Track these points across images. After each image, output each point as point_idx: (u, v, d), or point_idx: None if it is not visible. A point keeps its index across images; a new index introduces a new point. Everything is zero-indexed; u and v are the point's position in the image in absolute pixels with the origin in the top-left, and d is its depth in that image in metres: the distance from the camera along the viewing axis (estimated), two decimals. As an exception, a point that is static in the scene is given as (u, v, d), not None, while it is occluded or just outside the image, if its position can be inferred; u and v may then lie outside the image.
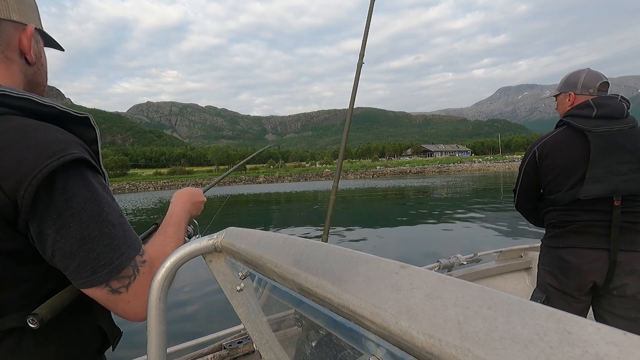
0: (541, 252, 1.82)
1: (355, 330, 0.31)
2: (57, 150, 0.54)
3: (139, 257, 0.63)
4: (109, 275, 0.58)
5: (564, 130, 1.67)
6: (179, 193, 0.94)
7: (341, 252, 0.36)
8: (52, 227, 0.54)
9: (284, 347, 0.63)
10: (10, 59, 0.66)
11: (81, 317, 0.65)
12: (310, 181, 69.40)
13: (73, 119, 0.63)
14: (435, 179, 48.96)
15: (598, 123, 1.55)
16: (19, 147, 0.53)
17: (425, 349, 0.23)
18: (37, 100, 0.59)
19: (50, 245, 0.55)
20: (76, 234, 0.55)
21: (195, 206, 0.95)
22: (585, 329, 0.19)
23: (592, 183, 1.54)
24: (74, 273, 0.57)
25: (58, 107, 0.61)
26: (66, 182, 0.55)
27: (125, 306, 0.61)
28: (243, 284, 0.58)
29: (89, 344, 0.67)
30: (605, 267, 1.55)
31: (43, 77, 0.75)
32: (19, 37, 0.66)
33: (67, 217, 0.55)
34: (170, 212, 0.85)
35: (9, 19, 0.64)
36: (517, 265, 2.90)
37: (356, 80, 2.76)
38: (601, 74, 1.68)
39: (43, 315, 0.55)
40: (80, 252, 0.56)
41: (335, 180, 2.76)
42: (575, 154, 1.59)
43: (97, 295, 0.59)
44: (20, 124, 0.55)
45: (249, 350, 1.90)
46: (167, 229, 0.79)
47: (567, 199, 1.61)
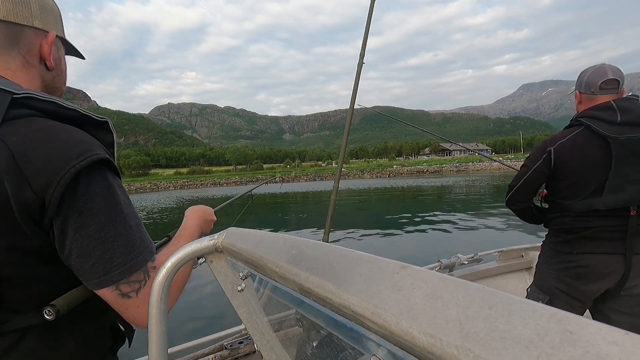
0: (545, 254, 1.76)
1: (356, 331, 0.31)
2: (83, 151, 0.57)
3: (151, 263, 0.64)
4: (121, 275, 0.59)
5: (582, 132, 1.54)
6: (193, 208, 0.96)
7: (342, 252, 0.36)
8: (72, 226, 0.56)
9: (285, 347, 0.63)
10: (30, 64, 0.68)
11: (98, 315, 0.67)
12: (326, 180, 69.31)
13: (93, 123, 0.65)
14: (453, 178, 48.72)
15: (622, 130, 1.45)
16: (47, 147, 0.55)
17: (427, 349, 0.23)
18: (62, 103, 0.61)
19: (68, 243, 0.56)
20: (94, 234, 0.57)
21: (206, 223, 0.96)
22: (586, 328, 0.19)
23: (611, 193, 1.47)
24: (88, 272, 0.58)
25: (80, 110, 0.63)
26: (89, 182, 0.57)
27: (135, 311, 0.62)
28: (244, 284, 0.58)
29: (105, 341, 0.69)
30: (619, 271, 1.51)
31: (61, 82, 0.77)
32: (40, 43, 0.68)
33: (87, 216, 0.56)
34: (184, 226, 0.87)
35: (32, 26, 0.66)
36: (518, 265, 2.90)
37: (356, 80, 2.76)
38: (610, 70, 1.56)
39: (60, 307, 0.57)
40: (96, 251, 0.57)
41: (335, 181, 2.76)
42: (595, 161, 1.50)
43: (107, 297, 0.60)
44: (46, 125, 0.57)
45: (250, 350, 1.90)
46: (180, 240, 0.80)
47: (583, 207, 1.54)
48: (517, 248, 2.94)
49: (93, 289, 0.59)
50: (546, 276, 1.72)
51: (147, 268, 0.63)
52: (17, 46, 0.65)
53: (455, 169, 78.11)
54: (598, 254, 1.54)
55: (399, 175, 73.48)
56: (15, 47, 0.65)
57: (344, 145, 2.88)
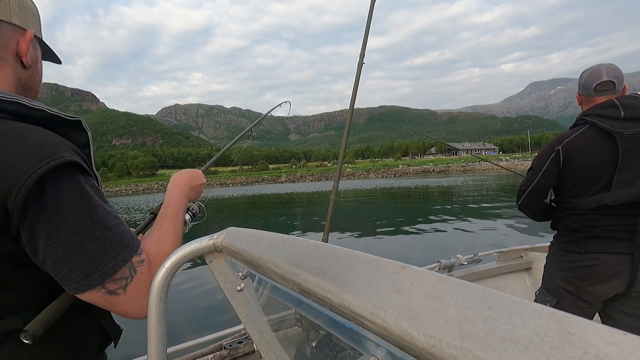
0: (553, 254, 1.75)
1: (356, 331, 0.31)
2: (48, 154, 0.53)
3: (137, 257, 0.62)
4: (101, 278, 0.57)
5: (588, 130, 1.56)
6: (175, 177, 0.89)
7: (341, 252, 0.36)
8: (43, 232, 0.53)
9: (284, 347, 0.63)
10: (5, 60, 0.66)
11: (82, 316, 0.65)
12: (331, 180, 69.67)
13: (65, 123, 0.62)
14: (459, 177, 48.56)
15: (626, 125, 1.46)
16: (9, 151, 0.52)
17: (426, 349, 0.23)
18: (27, 103, 0.58)
19: (41, 250, 0.54)
20: (67, 239, 0.54)
21: (194, 190, 0.91)
22: (585, 329, 0.19)
23: (620, 188, 1.47)
24: (66, 278, 0.56)
25: (48, 110, 0.60)
26: (57, 187, 0.54)
27: (124, 307, 0.61)
28: (243, 284, 0.58)
29: (90, 342, 0.68)
30: (627, 272, 1.50)
31: (37, 83, 0.75)
32: (17, 40, 0.67)
33: (58, 221, 0.54)
34: (167, 202, 0.81)
35: (9, 22, 0.65)
36: (517, 265, 2.90)
37: (356, 81, 2.76)
38: (606, 72, 1.57)
39: (35, 331, 0.55)
40: (72, 256, 0.55)
41: (335, 181, 2.76)
42: (602, 157, 1.51)
43: (93, 299, 0.59)
44: (10, 127, 0.55)
45: (249, 350, 1.90)
46: (163, 222, 0.76)
47: (592, 204, 1.53)
48: (517, 249, 2.94)
49: (74, 294, 0.58)
50: (553, 277, 1.70)
51: (132, 263, 0.61)
52: None
53: (461, 169, 77.85)
54: (607, 253, 1.53)
55: (404, 175, 73.42)
56: None
57: (344, 147, 2.89)
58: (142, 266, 0.63)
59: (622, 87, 1.58)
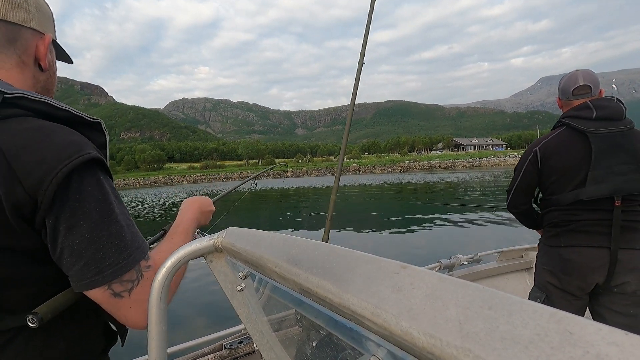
0: (540, 251, 1.84)
1: (356, 331, 0.31)
2: (75, 151, 0.57)
3: (144, 262, 0.63)
4: (114, 275, 0.58)
5: (564, 131, 1.69)
6: (189, 201, 0.94)
7: (342, 252, 0.36)
8: (64, 224, 0.56)
9: (285, 347, 0.63)
10: (26, 64, 0.69)
11: (89, 315, 0.66)
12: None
13: (86, 124, 0.65)
14: (465, 173, 48.32)
15: (599, 125, 1.58)
16: (39, 147, 0.55)
17: (426, 349, 0.23)
18: (54, 104, 0.61)
19: (60, 243, 0.56)
20: (86, 233, 0.56)
21: (204, 215, 0.94)
22: (586, 329, 0.19)
23: (594, 184, 1.56)
24: (79, 272, 0.57)
25: (72, 111, 0.63)
26: (81, 182, 0.57)
27: (127, 312, 0.61)
28: (244, 284, 0.58)
29: (97, 342, 0.68)
30: (606, 265, 1.57)
31: (53, 85, 0.77)
32: (36, 44, 0.69)
33: (79, 215, 0.56)
34: (179, 220, 0.85)
35: (29, 27, 0.67)
36: (517, 265, 2.90)
37: (357, 80, 2.76)
38: (582, 77, 1.69)
39: (43, 314, 0.56)
40: (88, 251, 0.57)
41: (335, 181, 2.76)
42: (577, 155, 1.61)
43: (99, 298, 0.60)
44: (38, 125, 0.58)
45: (250, 350, 1.90)
46: (174, 236, 0.78)
47: (569, 199, 1.63)
48: (517, 248, 2.95)
49: (84, 290, 0.59)
50: (541, 273, 1.79)
51: (140, 267, 0.62)
52: (13, 46, 0.66)
53: (468, 164, 77.25)
54: (585, 247, 1.61)
55: (410, 171, 73.00)
56: (12, 47, 0.66)
57: (343, 147, 2.88)
58: (149, 271, 0.63)
59: (598, 90, 1.69)
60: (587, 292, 1.65)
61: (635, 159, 1.54)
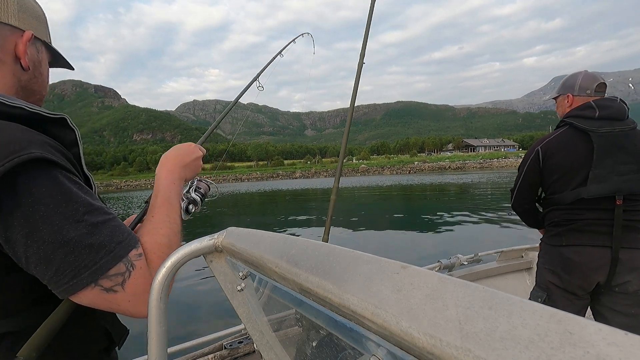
0: (541, 250, 1.84)
1: (356, 331, 0.31)
2: (13, 151, 0.51)
3: (134, 251, 0.60)
4: (93, 276, 0.55)
5: (566, 130, 1.69)
6: (162, 159, 0.81)
7: (342, 252, 0.36)
8: (20, 232, 0.51)
9: (285, 347, 0.63)
10: (3, 62, 0.66)
11: (84, 318, 0.64)
12: (345, 177, 68.17)
13: (48, 120, 0.60)
14: (476, 174, 48.01)
15: (601, 124, 1.58)
16: None
17: (426, 349, 0.23)
18: (4, 101, 0.57)
19: (22, 252, 0.52)
20: (49, 237, 0.52)
21: (189, 167, 0.83)
22: (586, 329, 0.19)
23: (595, 183, 1.57)
24: (54, 279, 0.53)
25: (28, 108, 0.58)
26: (30, 184, 0.52)
27: (127, 305, 0.59)
28: (244, 284, 0.58)
29: (94, 344, 0.67)
30: (607, 265, 1.57)
31: (40, 86, 0.74)
32: (15, 41, 0.67)
33: (36, 220, 0.51)
34: (156, 190, 0.75)
35: (7, 23, 0.65)
36: (518, 265, 2.90)
37: (357, 81, 2.75)
38: (598, 76, 1.72)
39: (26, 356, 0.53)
40: (57, 255, 0.52)
41: (335, 181, 2.75)
42: (578, 154, 1.61)
43: (90, 300, 0.56)
44: None
45: (250, 350, 1.90)
46: (154, 212, 0.71)
47: (570, 198, 1.63)
48: (517, 248, 2.94)
49: (67, 296, 0.55)
50: (542, 272, 1.79)
51: (129, 258, 0.58)
52: None
53: (479, 165, 76.68)
54: (587, 246, 1.61)
55: (419, 172, 72.61)
56: None
57: (344, 147, 2.88)
58: (140, 260, 0.60)
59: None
60: (589, 291, 1.65)
61: (637, 159, 1.55)
